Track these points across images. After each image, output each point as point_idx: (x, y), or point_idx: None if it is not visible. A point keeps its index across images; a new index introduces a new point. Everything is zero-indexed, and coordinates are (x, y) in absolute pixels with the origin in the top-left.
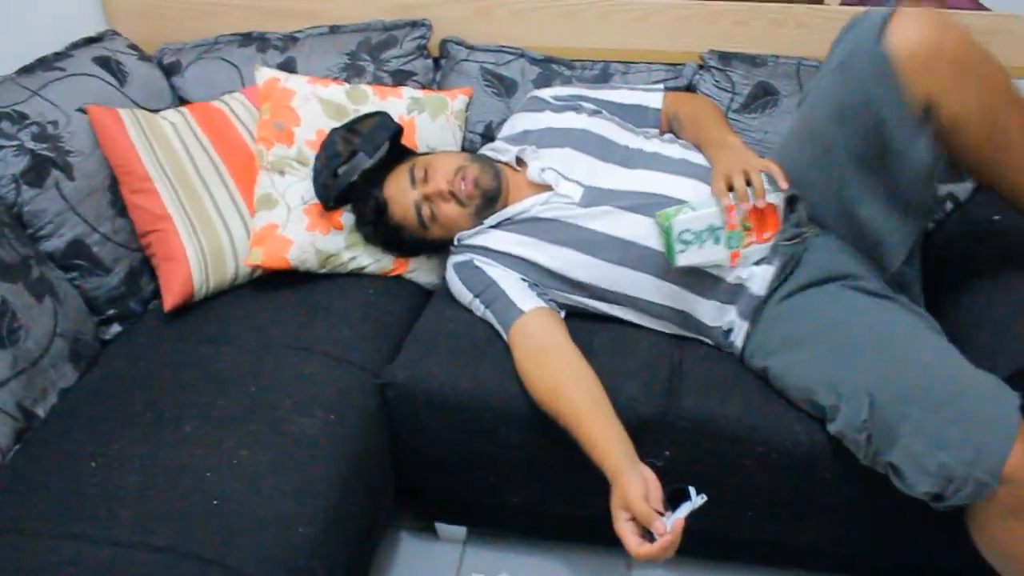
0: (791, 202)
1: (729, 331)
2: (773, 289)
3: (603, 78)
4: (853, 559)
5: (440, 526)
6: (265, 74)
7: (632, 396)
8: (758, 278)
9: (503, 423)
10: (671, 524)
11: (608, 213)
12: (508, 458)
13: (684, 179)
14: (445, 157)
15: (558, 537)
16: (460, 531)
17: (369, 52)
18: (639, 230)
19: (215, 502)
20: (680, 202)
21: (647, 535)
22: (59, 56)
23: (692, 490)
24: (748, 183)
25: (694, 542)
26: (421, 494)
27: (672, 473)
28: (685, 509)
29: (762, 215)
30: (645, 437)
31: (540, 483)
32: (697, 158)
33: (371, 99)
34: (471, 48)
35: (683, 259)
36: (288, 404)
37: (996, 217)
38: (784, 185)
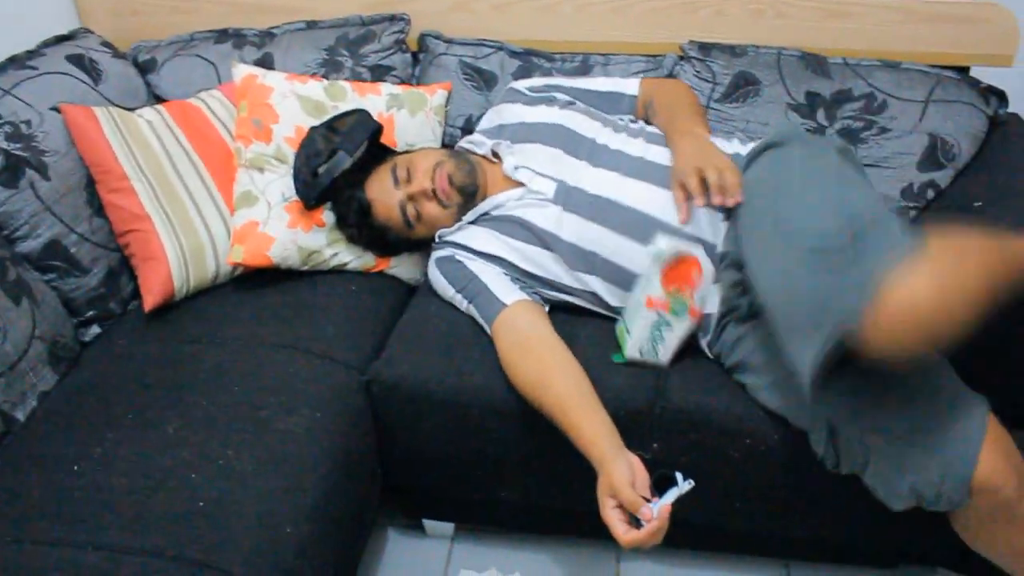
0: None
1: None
2: (724, 313)
3: (583, 70)
4: (841, 549)
5: (428, 522)
6: (242, 71)
7: (619, 388)
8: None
9: (489, 418)
10: (658, 510)
11: (575, 223)
12: (495, 453)
13: (639, 183)
14: (424, 154)
15: (547, 531)
16: (448, 527)
17: (347, 47)
18: (605, 242)
19: (201, 503)
20: (635, 212)
21: (634, 522)
22: (31, 54)
23: (679, 475)
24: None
25: (683, 534)
26: (408, 491)
27: (660, 465)
28: (672, 495)
29: (680, 270)
30: (632, 429)
31: (528, 477)
32: (656, 155)
33: (350, 95)
34: (450, 42)
35: (664, 357)
36: (273, 403)
37: (977, 204)
38: (737, 199)
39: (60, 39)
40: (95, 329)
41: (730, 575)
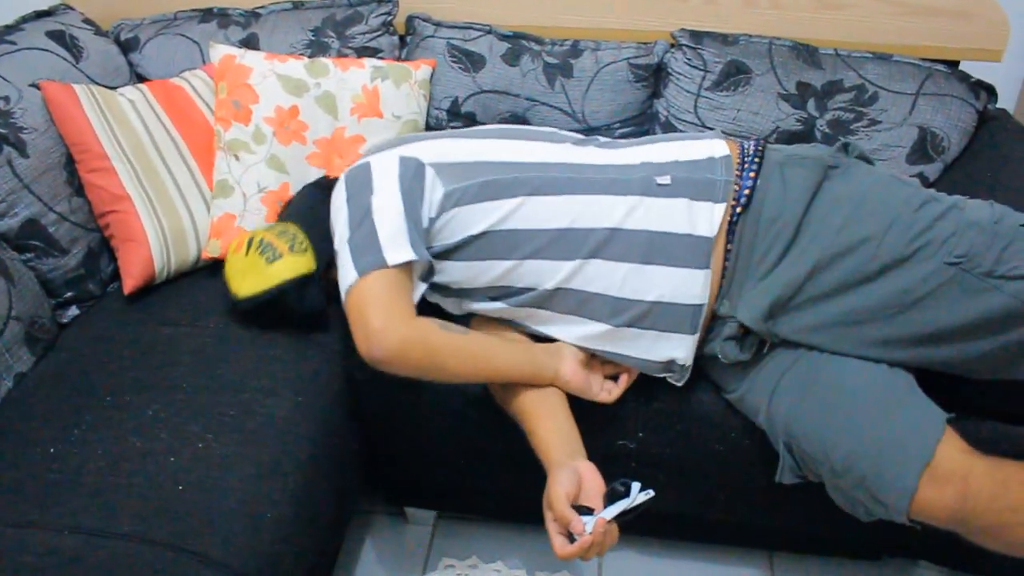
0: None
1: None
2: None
3: (573, 54)
4: (824, 540)
5: (410, 510)
6: (220, 51)
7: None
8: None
9: (472, 406)
10: (592, 525)
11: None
12: (478, 441)
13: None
14: None
15: (528, 520)
16: (430, 515)
17: (334, 28)
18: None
19: (180, 487)
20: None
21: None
22: (10, 29)
23: (635, 486)
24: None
25: (667, 525)
26: (391, 478)
27: (644, 456)
28: (614, 509)
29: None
30: (618, 419)
31: (510, 466)
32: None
33: (332, 72)
34: (438, 24)
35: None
36: (254, 387)
37: (965, 197)
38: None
39: (40, 14)
40: (74, 311)
41: (714, 566)
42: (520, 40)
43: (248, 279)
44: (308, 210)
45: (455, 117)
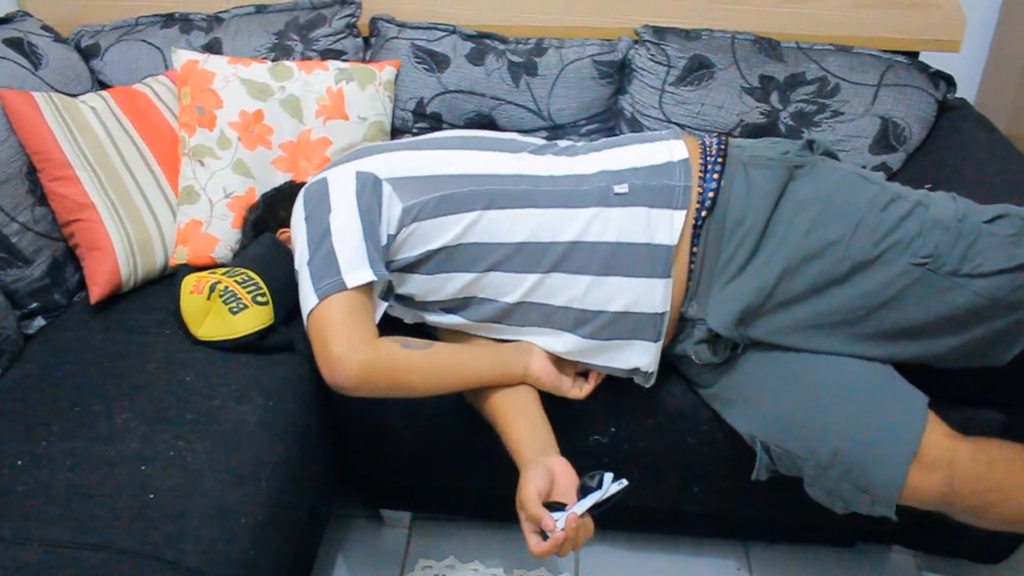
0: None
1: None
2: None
3: (537, 53)
4: (799, 529)
5: (386, 512)
6: (182, 56)
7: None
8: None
9: (444, 404)
10: (564, 521)
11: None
12: (452, 441)
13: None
14: None
15: (504, 519)
16: (406, 516)
17: (297, 31)
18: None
19: (151, 495)
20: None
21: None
22: None
23: (608, 477)
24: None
25: (642, 518)
26: (366, 480)
27: (618, 450)
28: (586, 503)
29: None
30: (590, 414)
31: (485, 464)
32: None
33: (296, 75)
34: (401, 25)
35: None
36: (225, 392)
37: (928, 185)
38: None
39: None
40: (39, 321)
41: (691, 558)
42: (484, 40)
43: (209, 323)
44: (268, 259)
45: (421, 118)
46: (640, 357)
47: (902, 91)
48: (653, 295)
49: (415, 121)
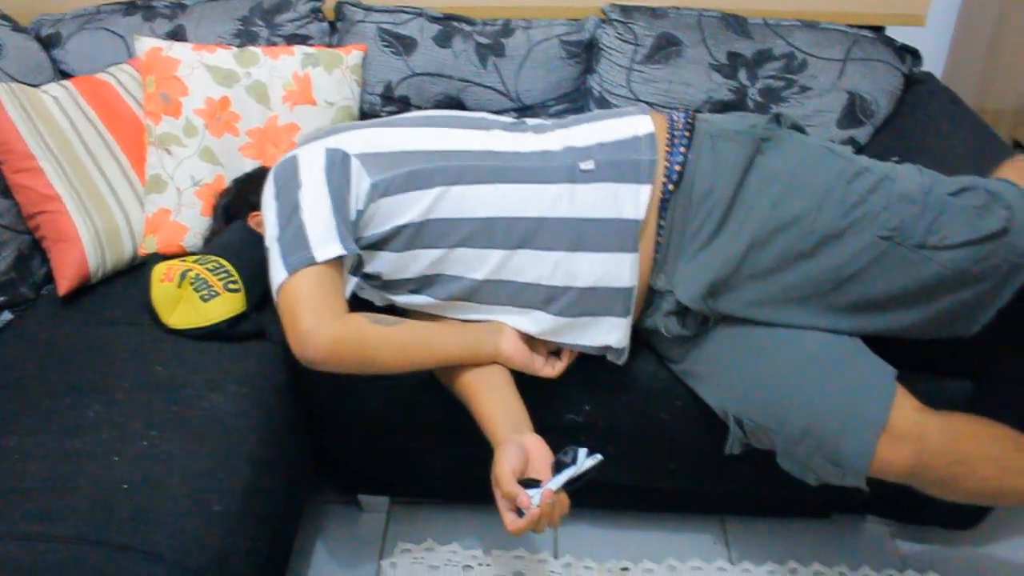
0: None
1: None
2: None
3: (504, 34)
4: (774, 502)
5: (363, 497)
6: (146, 44)
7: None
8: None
9: (419, 387)
10: (539, 498)
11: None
12: (427, 423)
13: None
14: None
15: (482, 500)
16: (383, 501)
17: (262, 17)
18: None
19: (125, 486)
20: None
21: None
22: None
23: (582, 452)
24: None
25: (619, 495)
26: (342, 467)
27: (592, 429)
28: (561, 479)
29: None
30: (564, 392)
31: (460, 446)
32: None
33: (262, 60)
34: (368, 9)
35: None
36: (197, 381)
37: (895, 159)
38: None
39: None
40: (6, 315)
41: (667, 534)
42: (451, 22)
43: (180, 312)
44: (240, 246)
45: (389, 101)
46: (610, 334)
47: (868, 65)
48: (621, 270)
49: (383, 105)
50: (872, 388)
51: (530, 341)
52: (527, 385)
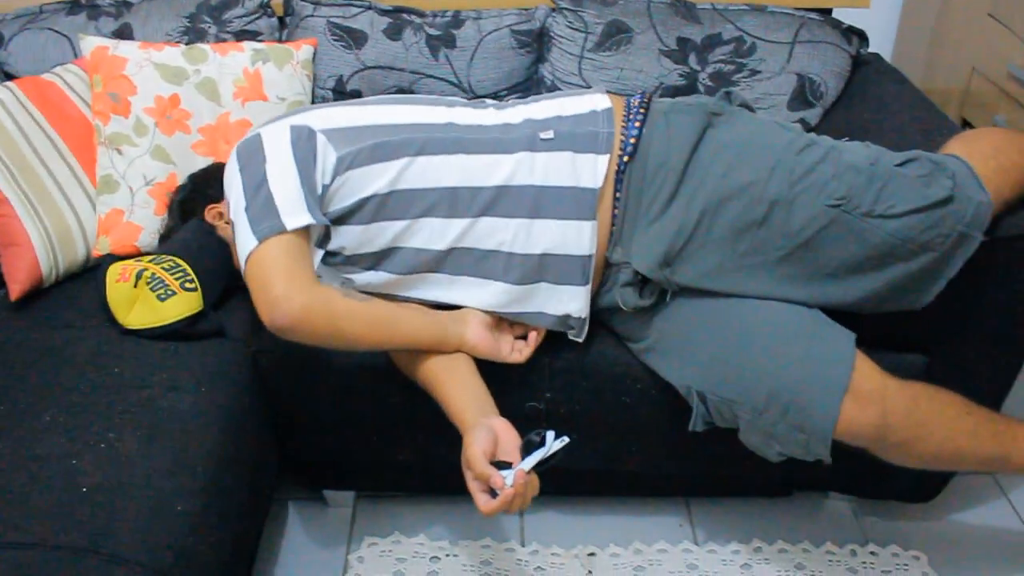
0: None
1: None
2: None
3: (455, 25)
4: (737, 482)
5: (328, 492)
6: (91, 43)
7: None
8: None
9: (379, 380)
10: (512, 478)
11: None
12: (388, 415)
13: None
14: None
15: (448, 491)
16: (349, 496)
17: (209, 13)
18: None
19: (84, 489)
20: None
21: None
22: None
23: (550, 435)
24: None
25: (584, 480)
26: (306, 463)
27: (553, 415)
28: (532, 459)
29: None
30: (525, 380)
31: (423, 436)
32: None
33: (211, 57)
34: (316, 3)
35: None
36: (155, 381)
37: (845, 139)
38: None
39: None
40: None
41: (632, 518)
42: (401, 14)
43: (137, 312)
44: (196, 245)
45: (341, 96)
46: (571, 302)
47: (816, 47)
48: (580, 237)
49: (336, 99)
50: (833, 352)
51: (496, 327)
52: (488, 374)
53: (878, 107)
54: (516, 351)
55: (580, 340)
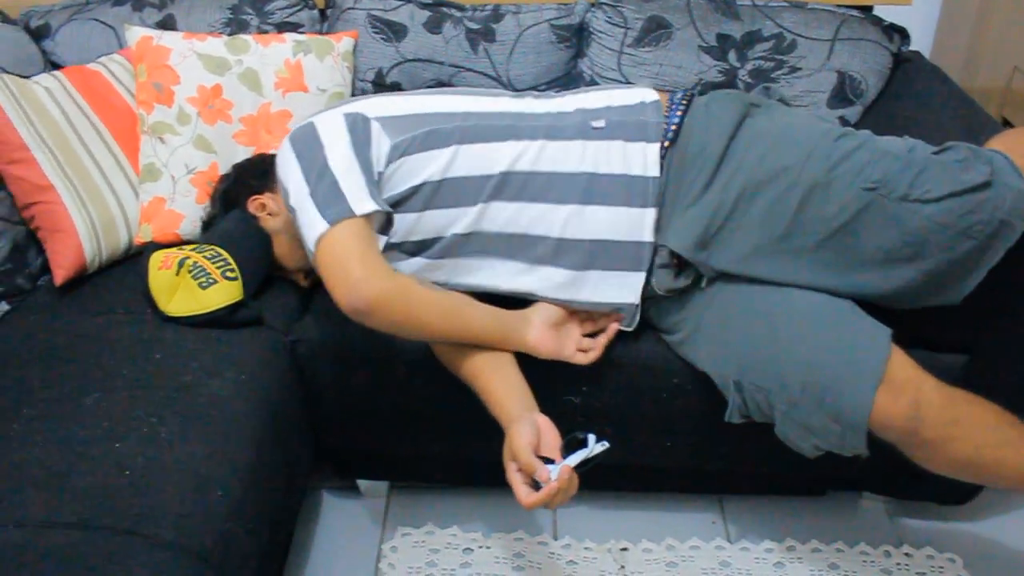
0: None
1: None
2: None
3: (494, 19)
4: (771, 480)
5: (362, 482)
6: (136, 33)
7: None
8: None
9: (416, 372)
10: (557, 472)
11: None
12: (424, 408)
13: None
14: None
15: (482, 484)
16: (383, 486)
17: (252, 5)
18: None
19: (126, 472)
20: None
21: (539, 486)
22: None
23: (591, 438)
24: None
25: (617, 476)
26: (341, 452)
27: (590, 409)
28: (576, 457)
29: None
30: (561, 374)
31: (459, 429)
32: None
33: (253, 48)
34: None
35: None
36: (196, 367)
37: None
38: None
39: None
40: (3, 306)
41: (665, 514)
42: (441, 7)
43: (178, 299)
44: (238, 234)
45: (381, 88)
46: (623, 290)
47: (857, 45)
48: (632, 224)
49: (375, 91)
50: (868, 341)
51: (561, 326)
52: (524, 367)
53: (919, 105)
54: (581, 352)
55: (630, 329)
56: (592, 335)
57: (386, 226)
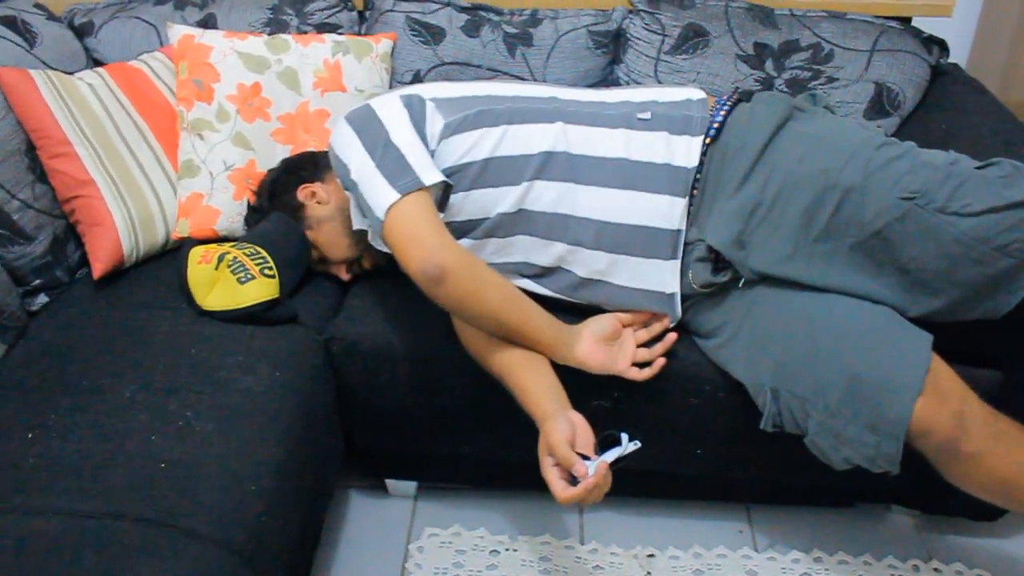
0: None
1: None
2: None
3: (532, 23)
4: (799, 491)
5: (391, 482)
6: (178, 31)
7: None
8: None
9: (448, 373)
10: (594, 468)
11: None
12: (455, 409)
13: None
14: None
15: (509, 486)
16: (411, 486)
17: (291, 5)
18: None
19: (162, 465)
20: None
21: (574, 480)
22: None
23: (624, 436)
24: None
25: (645, 482)
26: (370, 451)
27: (620, 414)
28: (612, 454)
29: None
30: (593, 379)
31: (488, 431)
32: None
33: (293, 48)
34: None
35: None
36: (231, 363)
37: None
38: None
39: None
40: (42, 298)
41: (692, 521)
42: (479, 11)
43: (216, 293)
44: (277, 235)
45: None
46: (662, 275)
47: (895, 56)
48: (672, 212)
49: None
50: (910, 349)
51: (613, 339)
52: (555, 370)
53: (957, 118)
54: (635, 369)
55: (672, 324)
56: (648, 345)
57: (444, 202)
